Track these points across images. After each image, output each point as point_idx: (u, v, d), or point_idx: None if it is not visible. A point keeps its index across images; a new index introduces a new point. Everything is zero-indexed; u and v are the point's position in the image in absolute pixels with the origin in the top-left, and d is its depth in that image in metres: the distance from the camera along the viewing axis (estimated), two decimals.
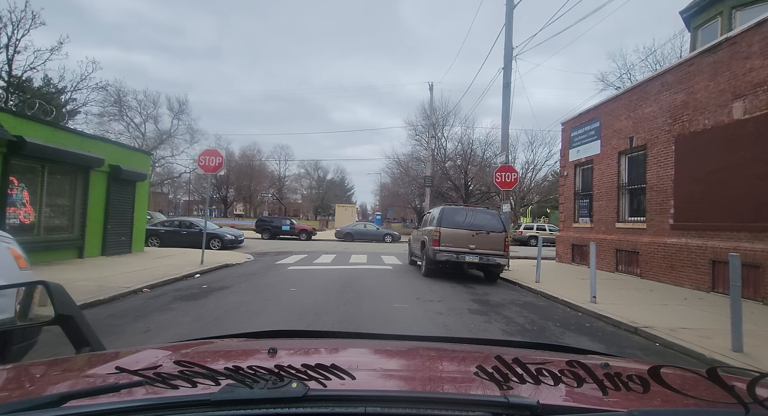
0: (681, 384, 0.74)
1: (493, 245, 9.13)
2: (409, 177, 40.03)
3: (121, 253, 11.85)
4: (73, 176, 10.22)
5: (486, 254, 9.04)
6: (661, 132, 9.36)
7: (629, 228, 10.47)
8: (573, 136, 13.46)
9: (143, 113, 46.03)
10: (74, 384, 0.88)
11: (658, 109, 9.43)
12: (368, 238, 25.87)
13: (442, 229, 9.13)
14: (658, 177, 9.41)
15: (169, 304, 6.01)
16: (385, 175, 50.55)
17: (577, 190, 13.32)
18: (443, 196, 36.65)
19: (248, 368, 0.64)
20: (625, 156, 10.94)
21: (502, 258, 9.14)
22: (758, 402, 0.54)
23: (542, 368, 0.63)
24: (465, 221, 9.21)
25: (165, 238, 17.30)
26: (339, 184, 76.03)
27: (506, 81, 11.44)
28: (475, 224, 9.23)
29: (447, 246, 9.06)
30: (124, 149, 12.51)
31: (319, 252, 16.68)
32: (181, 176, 55.73)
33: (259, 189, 58.26)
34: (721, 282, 7.47)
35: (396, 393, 0.76)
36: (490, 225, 9.32)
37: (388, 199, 58.88)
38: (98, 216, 11.00)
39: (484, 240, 9.11)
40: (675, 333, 4.81)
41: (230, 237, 17.72)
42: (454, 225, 9.18)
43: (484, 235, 9.14)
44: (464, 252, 9.00)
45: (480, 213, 9.67)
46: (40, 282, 1.21)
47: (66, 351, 1.18)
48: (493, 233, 9.20)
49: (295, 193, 73.66)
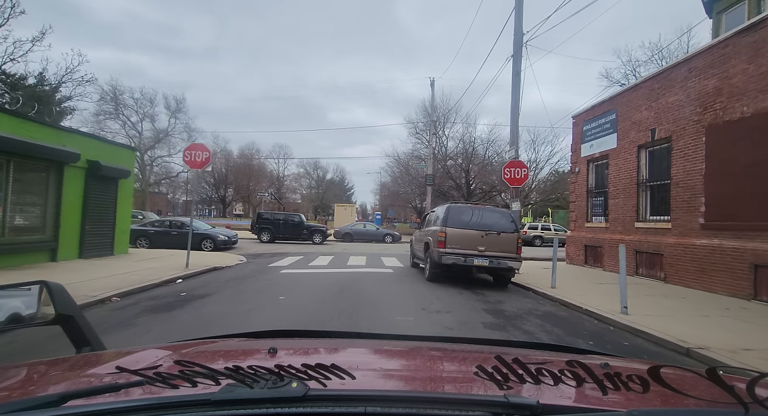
0: (681, 384, 0.72)
1: (504, 247, 8.28)
2: (409, 176, 39.32)
3: (101, 256, 11.01)
4: (44, 172, 9.36)
5: (497, 257, 8.19)
6: (688, 122, 8.51)
7: (651, 228, 9.63)
8: (585, 130, 12.62)
9: (140, 112, 45.30)
10: (74, 383, 0.89)
11: (685, 98, 8.59)
12: (368, 238, 25.00)
13: (449, 230, 8.28)
14: (685, 172, 8.57)
15: (135, 318, 5.16)
16: (385, 173, 49.91)
17: (590, 188, 12.47)
18: (444, 195, 35.86)
19: (248, 368, 0.64)
20: (646, 150, 10.10)
21: (514, 262, 8.29)
22: (758, 401, 0.54)
23: (542, 368, 0.63)
24: (473, 221, 8.36)
25: (154, 239, 16.48)
26: (339, 183, 75.62)
27: (516, 69, 10.60)
28: (485, 224, 8.39)
29: (454, 248, 8.21)
30: (105, 144, 11.65)
31: (317, 253, 15.85)
32: (179, 176, 55.08)
33: (258, 188, 57.48)
34: (765, 289, 6.64)
35: (396, 393, 0.76)
36: (500, 225, 8.48)
37: (388, 198, 58.15)
38: (74, 216, 10.15)
39: (495, 241, 8.27)
40: (738, 357, 3.97)
41: (223, 238, 16.89)
42: (461, 225, 8.34)
43: (495, 236, 8.30)
44: (473, 255, 8.15)
45: (489, 211, 8.82)
46: (40, 282, 1.19)
47: (66, 351, 1.17)
48: (505, 234, 8.36)
49: (295, 193, 73.25)
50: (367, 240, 24.70)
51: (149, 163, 48.35)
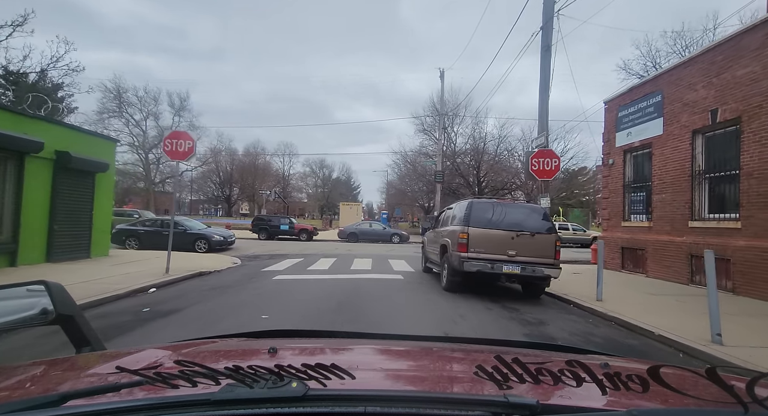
0: (680, 384, 0.73)
1: (539, 251, 6.82)
2: (416, 174, 37.81)
3: (75, 259, 9.77)
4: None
5: (530, 263, 6.74)
6: (765, 99, 6.97)
7: (712, 229, 8.08)
8: (621, 116, 11.07)
9: (144, 110, 44.63)
10: (74, 383, 0.89)
11: (761, 69, 7.05)
12: (374, 239, 23.57)
13: (472, 230, 6.84)
14: (761, 159, 7.03)
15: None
16: (392, 172, 48.53)
17: (628, 182, 10.93)
18: (454, 193, 34.38)
19: (248, 367, 0.64)
20: (703, 135, 8.55)
21: (552, 269, 6.83)
22: (757, 401, 0.54)
23: (542, 368, 0.63)
24: (501, 219, 6.92)
25: (145, 239, 15.28)
26: (345, 182, 74.88)
27: (545, 43, 9.12)
28: (515, 223, 6.93)
29: (478, 253, 6.77)
30: (78, 133, 10.38)
31: (318, 254, 14.51)
32: (183, 175, 54.36)
33: (264, 188, 56.54)
34: None
35: (396, 393, 0.76)
36: (533, 224, 7.02)
37: (395, 197, 56.74)
38: (40, 215, 8.90)
39: (528, 244, 6.81)
40: None
41: (218, 239, 15.62)
42: (486, 224, 6.90)
43: (528, 238, 6.84)
44: (501, 261, 6.71)
45: (520, 208, 7.36)
46: (40, 282, 1.18)
47: (66, 351, 1.15)
48: (540, 235, 6.89)
49: (301, 192, 72.66)
50: (373, 241, 23.28)
51: (154, 161, 47.67)
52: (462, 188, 34.00)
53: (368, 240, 23.30)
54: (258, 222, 23.80)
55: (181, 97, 46.19)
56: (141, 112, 44.78)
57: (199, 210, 75.28)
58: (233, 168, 61.08)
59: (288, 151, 65.82)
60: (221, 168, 60.43)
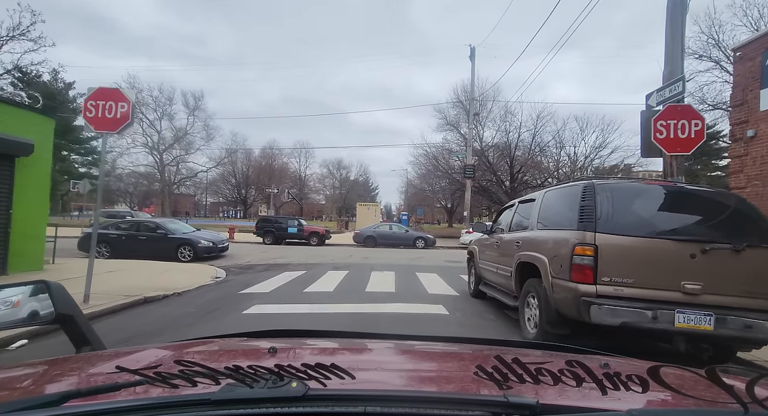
0: (680, 384, 0.73)
1: (750, 281, 3.33)
2: (440, 171, 34.27)
3: None
4: None
5: (735, 309, 3.24)
6: None
7: None
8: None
9: (158, 110, 43.20)
10: (74, 383, 0.88)
11: None
12: (395, 243, 20.19)
13: (605, 239, 3.40)
14: None
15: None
16: (412, 170, 45.13)
17: None
18: (485, 190, 30.71)
19: (248, 367, 0.64)
20: None
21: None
22: (757, 401, 0.53)
23: (542, 368, 0.63)
24: (663, 218, 3.47)
25: (117, 246, 12.50)
26: (363, 184, 72.71)
27: None
28: (694, 225, 3.48)
29: (619, 286, 3.31)
30: None
31: (326, 265, 11.37)
32: (198, 175, 52.68)
33: (280, 190, 54.28)
34: None
35: (396, 393, 0.75)
36: (731, 226, 3.50)
37: (414, 197, 53.18)
38: None
39: (726, 266, 3.32)
40: None
41: (205, 245, 12.67)
42: (634, 227, 3.40)
43: (726, 255, 3.34)
44: (672, 303, 3.24)
45: (693, 195, 3.81)
46: (40, 282, 1.17)
47: (66, 351, 1.13)
48: (752, 249, 3.38)
49: (318, 194, 70.71)
50: (393, 245, 19.92)
51: (172, 163, 46.11)
52: (493, 186, 30.32)
53: (388, 244, 19.96)
54: (263, 223, 20.80)
55: (196, 97, 44.43)
56: (155, 112, 43.25)
57: (219, 212, 74.04)
58: (249, 169, 59.20)
59: (304, 151, 63.54)
60: (237, 169, 58.66)
